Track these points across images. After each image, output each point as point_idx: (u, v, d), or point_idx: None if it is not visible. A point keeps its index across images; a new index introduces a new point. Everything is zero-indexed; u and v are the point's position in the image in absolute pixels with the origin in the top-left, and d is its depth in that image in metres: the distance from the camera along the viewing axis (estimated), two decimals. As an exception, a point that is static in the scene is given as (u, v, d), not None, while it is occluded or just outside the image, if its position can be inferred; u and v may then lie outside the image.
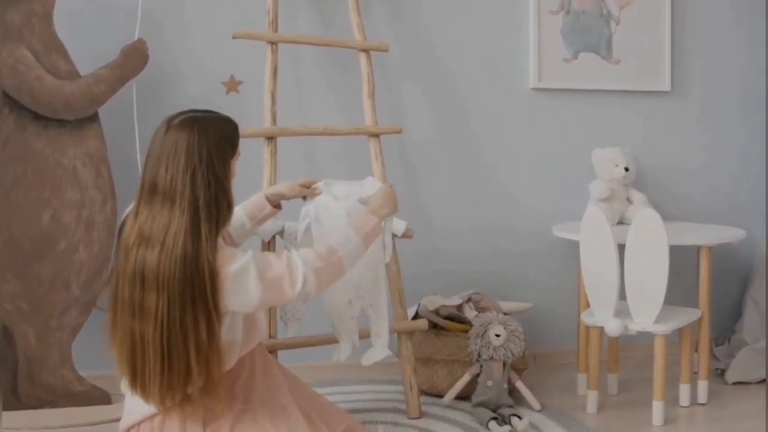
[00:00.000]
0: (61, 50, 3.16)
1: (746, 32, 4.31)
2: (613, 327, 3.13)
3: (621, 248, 3.13)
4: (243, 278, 2.12)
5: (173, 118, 2.18)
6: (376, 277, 2.89)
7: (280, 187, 2.83)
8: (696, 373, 3.56)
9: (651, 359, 3.24)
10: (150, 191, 2.12)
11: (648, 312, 3.13)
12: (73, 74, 3.16)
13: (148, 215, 2.10)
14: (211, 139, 2.15)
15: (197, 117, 2.18)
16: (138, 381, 2.14)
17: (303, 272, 2.20)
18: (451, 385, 3.39)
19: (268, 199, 2.77)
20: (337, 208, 2.78)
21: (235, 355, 2.27)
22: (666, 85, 4.19)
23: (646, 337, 3.31)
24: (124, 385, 2.20)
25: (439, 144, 3.91)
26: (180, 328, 2.06)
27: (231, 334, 2.23)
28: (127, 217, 2.21)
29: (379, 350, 3.00)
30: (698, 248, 3.53)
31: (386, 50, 3.50)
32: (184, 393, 2.13)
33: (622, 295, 3.16)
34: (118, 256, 2.16)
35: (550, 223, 3.91)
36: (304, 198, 2.86)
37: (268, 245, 3.10)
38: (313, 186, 2.85)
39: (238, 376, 2.32)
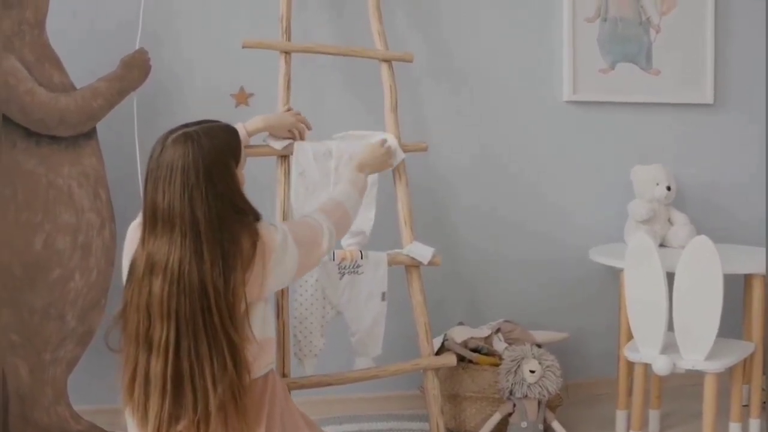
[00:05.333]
0: (54, 61, 3.06)
1: (794, 41, 4.22)
2: (661, 366, 2.94)
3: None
4: (285, 246, 2.19)
5: (167, 136, 2.14)
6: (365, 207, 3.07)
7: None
8: (746, 406, 3.37)
9: (695, 389, 3.12)
10: (152, 218, 2.10)
11: (699, 348, 2.94)
12: (68, 87, 3.07)
13: (154, 243, 2.09)
14: (208, 154, 2.10)
15: (189, 132, 2.12)
16: (141, 414, 2.09)
17: (327, 227, 2.35)
18: (479, 424, 3.29)
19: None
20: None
21: (273, 351, 2.29)
22: (709, 98, 4.08)
23: (692, 366, 3.17)
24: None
25: (467, 161, 3.81)
26: (196, 358, 2.04)
27: (267, 330, 2.25)
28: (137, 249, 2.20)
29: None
30: (748, 275, 3.36)
31: (410, 60, 3.36)
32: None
33: (668, 326, 2.98)
34: (131, 289, 2.13)
35: (585, 246, 3.78)
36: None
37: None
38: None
39: (262, 397, 2.24)
